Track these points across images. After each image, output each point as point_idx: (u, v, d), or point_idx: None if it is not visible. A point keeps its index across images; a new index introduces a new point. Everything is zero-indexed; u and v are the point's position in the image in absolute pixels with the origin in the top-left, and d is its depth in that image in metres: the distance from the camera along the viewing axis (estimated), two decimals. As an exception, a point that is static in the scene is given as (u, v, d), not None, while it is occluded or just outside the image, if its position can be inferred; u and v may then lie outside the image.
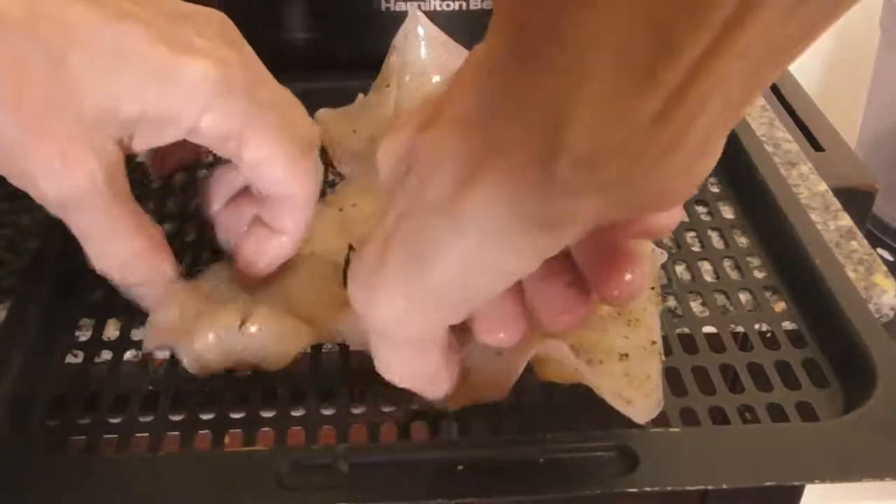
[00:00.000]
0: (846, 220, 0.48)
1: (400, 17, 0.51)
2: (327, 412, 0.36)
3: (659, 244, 0.44)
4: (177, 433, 0.35)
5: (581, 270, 0.31)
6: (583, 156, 0.22)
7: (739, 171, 0.47)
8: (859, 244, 0.46)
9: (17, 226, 0.47)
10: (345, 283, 0.31)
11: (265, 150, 0.37)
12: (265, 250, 0.39)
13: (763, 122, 0.57)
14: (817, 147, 0.60)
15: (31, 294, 0.39)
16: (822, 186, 0.51)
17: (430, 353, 0.31)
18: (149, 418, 0.35)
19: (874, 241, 1.22)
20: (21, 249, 0.45)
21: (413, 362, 0.31)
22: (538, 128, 0.22)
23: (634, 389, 0.35)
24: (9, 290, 0.42)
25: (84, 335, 0.39)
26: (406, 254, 0.27)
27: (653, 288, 0.40)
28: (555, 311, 0.31)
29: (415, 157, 0.27)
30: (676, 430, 0.34)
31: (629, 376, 0.36)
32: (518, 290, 0.30)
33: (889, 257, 1.23)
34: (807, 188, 0.51)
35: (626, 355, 0.37)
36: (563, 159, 0.22)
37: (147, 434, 0.35)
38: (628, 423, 0.34)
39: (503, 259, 0.26)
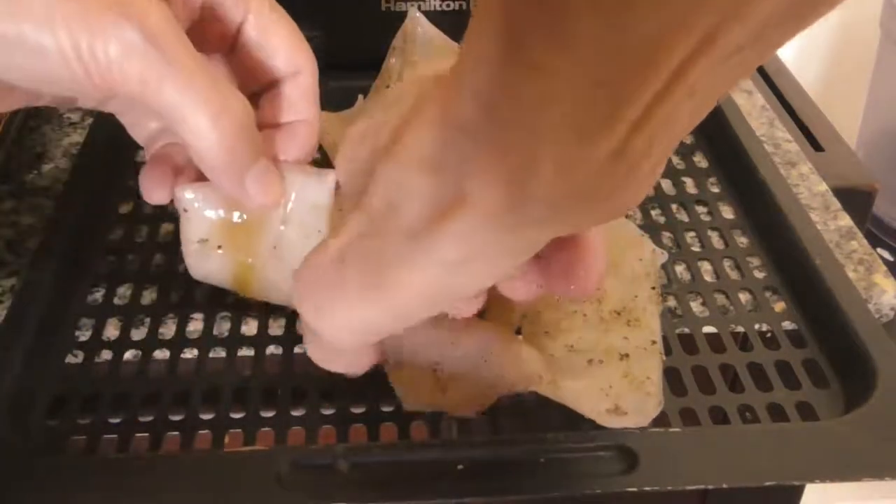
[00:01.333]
0: (846, 220, 0.48)
1: (400, 17, 0.51)
2: (327, 412, 0.36)
3: (659, 244, 0.44)
4: (177, 433, 0.35)
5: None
6: (548, 199, 0.23)
7: (739, 171, 0.48)
8: (859, 244, 0.46)
9: (18, 226, 0.47)
10: None
11: (269, 10, 0.36)
12: (294, 135, 0.38)
13: (763, 122, 0.57)
14: (817, 147, 0.60)
15: (31, 294, 0.39)
16: (822, 186, 0.51)
17: (368, 353, 0.33)
18: (149, 418, 0.35)
19: (874, 241, 1.22)
20: (21, 249, 0.45)
21: (349, 361, 0.34)
22: (505, 179, 0.23)
23: (633, 390, 0.35)
24: (9, 290, 0.42)
25: (84, 335, 0.39)
26: (366, 275, 0.28)
27: (653, 288, 0.40)
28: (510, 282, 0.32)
29: (379, 184, 0.28)
30: (676, 429, 0.34)
31: (629, 377, 0.36)
32: None
33: (889, 257, 1.23)
34: (807, 188, 0.51)
35: (627, 355, 0.37)
36: (530, 204, 0.24)
37: (147, 434, 0.35)
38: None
39: (465, 283, 0.27)
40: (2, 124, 0.46)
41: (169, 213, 0.46)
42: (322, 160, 0.51)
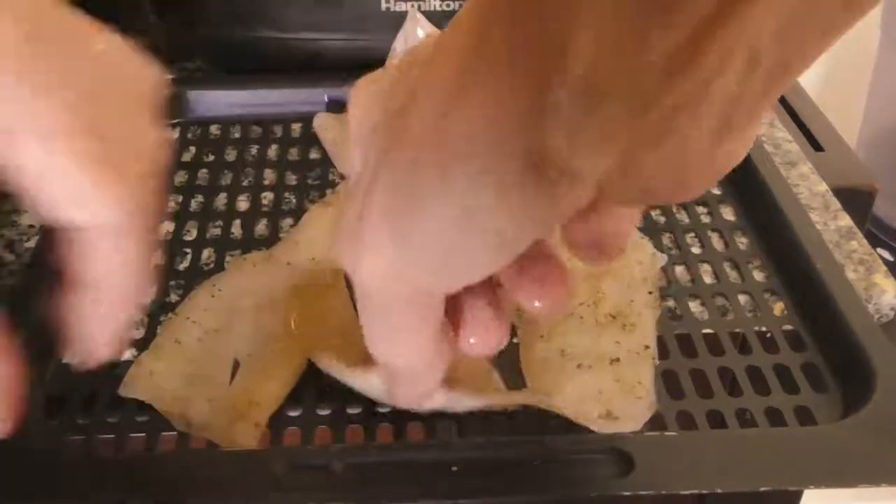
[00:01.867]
0: (846, 220, 0.48)
1: (400, 17, 0.51)
2: (323, 412, 0.36)
3: (659, 245, 0.44)
4: (174, 433, 0.35)
5: (503, 282, 0.28)
6: (581, 83, 0.20)
7: (739, 171, 0.47)
8: (859, 244, 0.46)
9: (17, 226, 0.47)
10: (349, 288, 0.31)
11: (42, 150, 0.26)
12: (87, 313, 0.29)
13: (763, 122, 0.57)
14: (817, 147, 0.60)
15: (29, 293, 0.39)
16: (822, 186, 0.51)
17: (420, 327, 0.28)
18: (146, 418, 0.35)
19: (874, 241, 1.21)
20: (21, 249, 0.45)
21: (402, 336, 0.28)
22: (534, 48, 0.20)
23: (624, 395, 0.35)
24: (9, 290, 0.42)
25: None
26: (390, 200, 0.24)
27: (650, 292, 0.40)
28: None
29: (404, 92, 0.24)
30: (672, 433, 0.34)
31: (620, 381, 0.36)
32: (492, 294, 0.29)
33: (889, 257, 1.23)
34: (807, 188, 0.50)
35: (618, 360, 0.37)
36: (559, 85, 0.20)
37: (144, 434, 0.35)
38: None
39: (496, 217, 0.23)
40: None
41: (168, 213, 0.47)
42: (322, 159, 0.51)
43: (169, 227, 0.46)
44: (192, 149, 0.52)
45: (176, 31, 0.57)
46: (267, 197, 0.48)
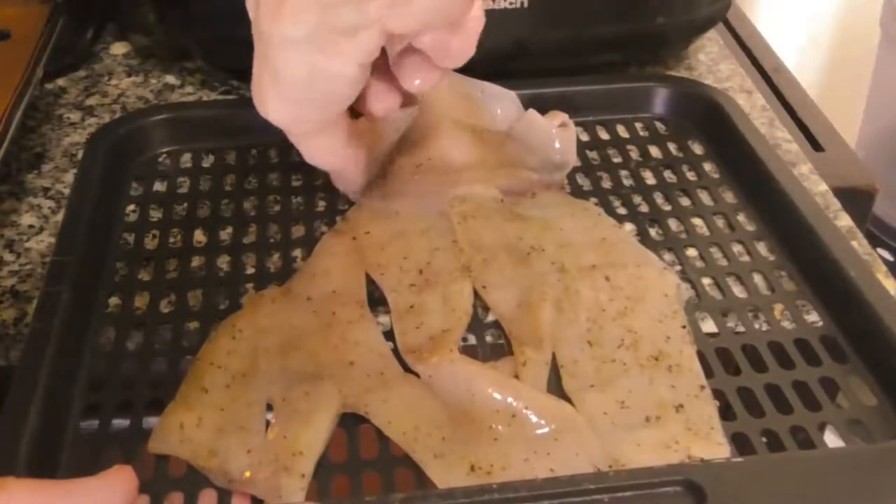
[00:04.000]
0: (846, 221, 0.48)
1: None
2: (368, 456, 0.34)
3: (684, 257, 0.43)
4: (213, 489, 0.33)
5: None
6: None
7: (755, 180, 0.47)
8: (859, 244, 0.46)
9: (17, 226, 0.47)
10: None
11: None
12: None
13: (763, 122, 0.57)
14: (817, 147, 0.60)
15: (51, 310, 0.38)
16: (823, 186, 0.51)
17: (332, 138, 0.40)
18: (181, 475, 0.33)
19: (874, 241, 1.21)
20: (21, 249, 0.45)
21: (324, 147, 0.40)
22: None
23: (701, 441, 0.34)
24: (9, 290, 0.42)
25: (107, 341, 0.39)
26: (266, 67, 0.36)
27: (683, 327, 0.38)
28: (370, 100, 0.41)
29: None
30: (739, 459, 0.32)
31: (692, 429, 0.34)
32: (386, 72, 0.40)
33: (889, 257, 1.23)
34: (807, 188, 0.51)
35: (682, 406, 0.35)
36: None
37: (182, 493, 0.33)
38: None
39: (330, 64, 0.34)
40: (1, 124, 0.46)
41: (177, 220, 0.46)
42: (325, 183, 0.50)
43: (173, 263, 0.43)
44: (187, 179, 0.49)
45: (176, 31, 0.57)
46: (273, 228, 0.45)
